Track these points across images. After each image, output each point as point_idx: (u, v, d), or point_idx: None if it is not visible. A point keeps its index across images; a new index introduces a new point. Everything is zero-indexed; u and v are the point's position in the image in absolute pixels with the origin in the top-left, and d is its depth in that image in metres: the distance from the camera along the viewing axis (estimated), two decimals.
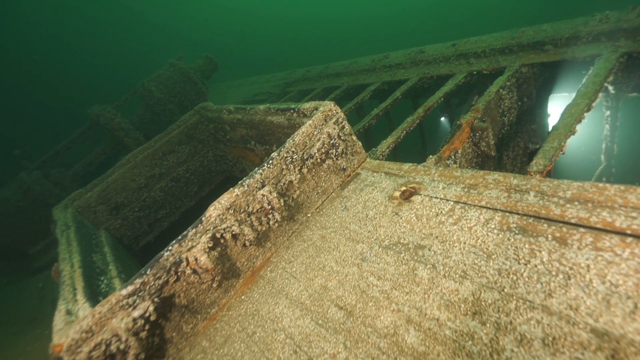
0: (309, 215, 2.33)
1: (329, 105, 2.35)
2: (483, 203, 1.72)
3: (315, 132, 2.26)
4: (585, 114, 2.14)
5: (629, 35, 2.73)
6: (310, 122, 2.24)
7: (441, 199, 1.90)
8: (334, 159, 2.36)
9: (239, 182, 2.05)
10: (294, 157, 2.17)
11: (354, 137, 2.46)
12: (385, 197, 2.12)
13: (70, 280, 2.17)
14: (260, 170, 2.08)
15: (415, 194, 2.04)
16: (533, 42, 3.29)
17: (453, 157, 2.53)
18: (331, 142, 2.28)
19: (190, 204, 4.53)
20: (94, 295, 2.12)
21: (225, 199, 1.98)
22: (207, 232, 1.89)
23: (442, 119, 9.85)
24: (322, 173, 2.36)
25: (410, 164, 2.31)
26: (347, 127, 2.40)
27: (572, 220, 1.42)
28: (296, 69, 7.27)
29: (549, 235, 1.42)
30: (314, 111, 2.47)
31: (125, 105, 5.99)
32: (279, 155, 2.15)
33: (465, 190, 1.85)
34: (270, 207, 2.06)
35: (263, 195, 2.03)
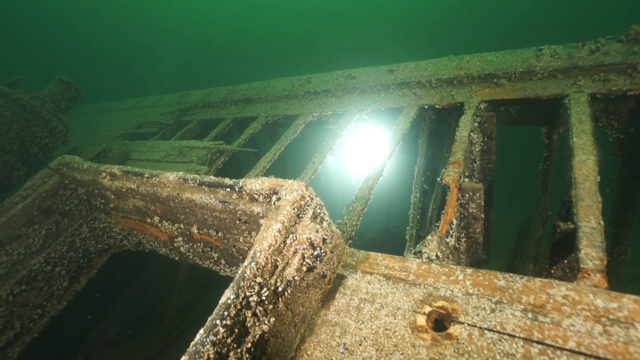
0: None
1: (299, 190, 1.54)
2: (572, 345, 1.19)
3: (288, 241, 1.43)
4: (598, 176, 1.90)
5: (586, 74, 2.71)
6: (279, 226, 1.40)
7: (499, 332, 1.31)
8: (315, 271, 1.57)
9: None
10: (263, 293, 1.31)
11: (333, 227, 1.71)
12: (406, 328, 1.44)
13: None
14: (211, 338, 1.16)
15: (451, 320, 1.41)
16: (484, 74, 3.10)
17: (450, 231, 2.03)
18: (315, 253, 1.48)
19: (57, 307, 3.05)
20: None
21: None
22: None
23: (330, 157, 9.29)
24: (299, 294, 1.54)
25: (418, 260, 1.68)
26: (326, 219, 1.63)
27: None
28: (191, 91, 5.99)
29: None
30: (273, 197, 1.63)
31: None
32: (237, 297, 1.25)
33: (531, 316, 1.30)
34: None
35: None
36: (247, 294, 1.27)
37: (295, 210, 1.49)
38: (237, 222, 1.89)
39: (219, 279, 2.62)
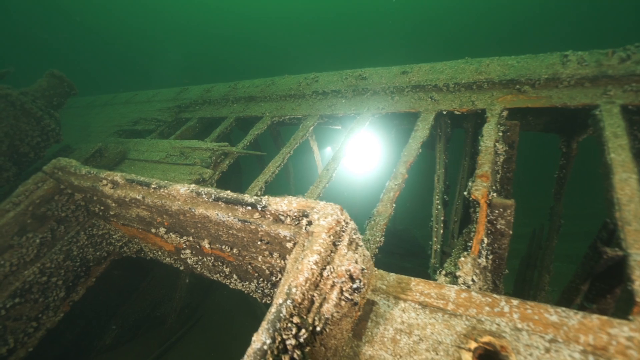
0: None
1: (334, 214, 1.40)
2: None
3: (325, 274, 1.29)
4: None
5: (616, 84, 2.61)
6: (315, 257, 1.26)
7: None
8: (350, 302, 1.44)
9: None
10: (302, 336, 1.17)
11: (365, 251, 1.58)
12: None
13: None
14: None
15: (500, 359, 1.30)
16: (506, 79, 2.97)
17: (482, 251, 1.92)
18: (354, 286, 1.35)
19: (54, 319, 2.88)
20: None
21: None
22: None
23: (328, 148, 8.79)
24: (333, 327, 1.41)
25: (456, 286, 1.56)
26: (360, 244, 1.50)
27: None
28: (189, 87, 5.75)
29: None
30: (302, 219, 1.48)
31: None
32: (273, 341, 1.11)
33: (592, 359, 1.20)
34: None
35: None
36: (284, 336, 1.14)
37: (331, 237, 1.35)
38: (258, 242, 1.74)
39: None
